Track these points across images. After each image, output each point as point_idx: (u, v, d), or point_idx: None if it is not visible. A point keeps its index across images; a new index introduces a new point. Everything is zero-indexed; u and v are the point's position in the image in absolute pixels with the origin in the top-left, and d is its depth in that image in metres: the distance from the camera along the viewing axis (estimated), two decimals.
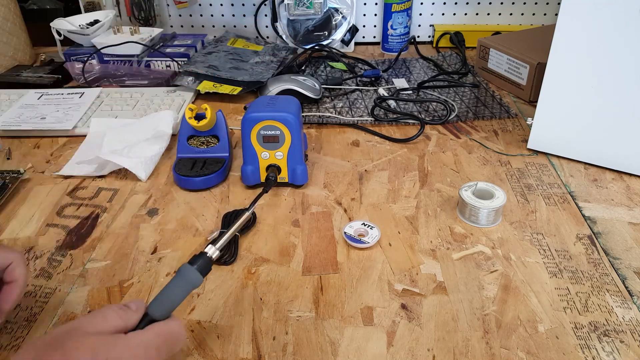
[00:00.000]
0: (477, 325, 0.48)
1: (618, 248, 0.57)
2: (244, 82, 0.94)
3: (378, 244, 0.58)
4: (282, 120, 0.63)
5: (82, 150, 0.77)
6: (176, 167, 0.69)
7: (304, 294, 0.52)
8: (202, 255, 0.41)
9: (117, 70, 1.01)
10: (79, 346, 0.31)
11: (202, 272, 0.41)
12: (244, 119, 0.64)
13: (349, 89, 0.96)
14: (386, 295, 0.52)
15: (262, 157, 0.66)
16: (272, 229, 0.61)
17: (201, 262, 0.41)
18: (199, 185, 0.68)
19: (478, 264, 0.55)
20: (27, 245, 0.59)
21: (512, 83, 0.93)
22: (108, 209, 0.65)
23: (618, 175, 0.70)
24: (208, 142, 0.73)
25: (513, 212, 0.63)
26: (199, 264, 0.41)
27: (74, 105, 0.87)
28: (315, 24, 1.14)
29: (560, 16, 0.64)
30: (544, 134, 0.73)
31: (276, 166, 0.66)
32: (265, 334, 0.48)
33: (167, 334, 0.37)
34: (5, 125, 0.81)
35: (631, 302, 0.50)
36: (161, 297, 0.39)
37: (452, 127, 0.83)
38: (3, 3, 1.04)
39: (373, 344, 0.46)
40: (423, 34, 1.22)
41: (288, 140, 0.64)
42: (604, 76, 0.65)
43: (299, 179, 0.67)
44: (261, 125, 0.64)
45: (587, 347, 0.46)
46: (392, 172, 0.71)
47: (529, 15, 1.19)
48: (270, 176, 0.65)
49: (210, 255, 0.42)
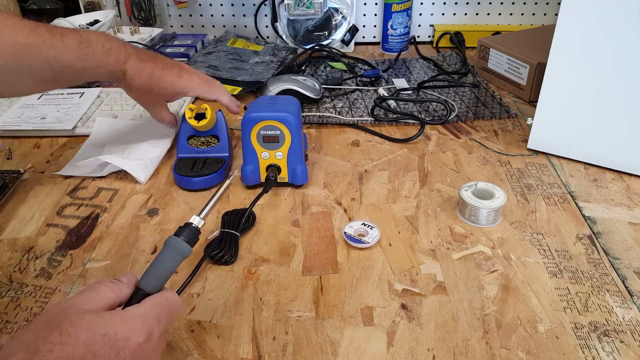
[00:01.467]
0: (477, 325, 0.48)
1: (618, 248, 0.57)
2: (244, 82, 0.94)
3: (378, 244, 0.58)
4: (282, 120, 0.63)
5: (84, 149, 0.77)
6: (176, 167, 0.69)
7: (304, 294, 0.52)
8: (188, 226, 0.41)
9: None
10: (76, 324, 0.32)
11: (190, 242, 0.41)
12: (244, 119, 0.64)
13: (349, 89, 0.96)
14: (386, 295, 0.52)
15: (262, 157, 0.66)
16: (272, 229, 0.61)
17: (187, 232, 0.41)
18: (199, 185, 0.68)
19: (478, 264, 0.55)
20: (27, 245, 0.59)
21: (512, 83, 0.93)
22: (108, 209, 0.65)
23: (618, 175, 0.70)
24: (208, 142, 0.73)
25: (513, 212, 0.63)
26: (185, 234, 0.40)
27: (74, 105, 0.87)
28: (315, 24, 1.14)
29: (560, 16, 0.64)
30: (544, 134, 0.73)
31: (276, 166, 0.66)
32: (265, 334, 0.48)
33: (163, 304, 0.37)
34: (5, 125, 0.81)
35: (631, 302, 0.50)
36: (152, 270, 0.39)
37: (452, 127, 0.83)
38: (3, 3, 1.04)
39: (373, 344, 0.46)
40: (423, 34, 1.22)
41: (288, 140, 0.64)
42: (604, 76, 0.65)
43: (299, 179, 0.67)
44: (261, 125, 0.64)
45: (587, 347, 0.46)
46: (392, 172, 0.71)
47: (529, 15, 1.19)
48: (270, 176, 0.65)
49: (195, 225, 0.41)
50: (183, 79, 0.68)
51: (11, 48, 0.54)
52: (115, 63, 0.62)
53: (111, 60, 0.61)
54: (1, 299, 0.52)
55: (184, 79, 0.68)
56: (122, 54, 0.62)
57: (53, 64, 0.57)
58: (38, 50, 0.55)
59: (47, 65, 0.57)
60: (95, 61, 0.60)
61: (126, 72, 0.63)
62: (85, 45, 0.59)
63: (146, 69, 0.64)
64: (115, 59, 0.61)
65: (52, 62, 0.57)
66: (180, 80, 0.67)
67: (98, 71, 0.61)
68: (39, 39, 0.55)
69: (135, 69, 0.63)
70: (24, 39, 0.54)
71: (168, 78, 0.66)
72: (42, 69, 0.57)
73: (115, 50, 0.61)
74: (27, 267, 0.56)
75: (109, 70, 0.62)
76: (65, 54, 0.57)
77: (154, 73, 0.65)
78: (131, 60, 0.63)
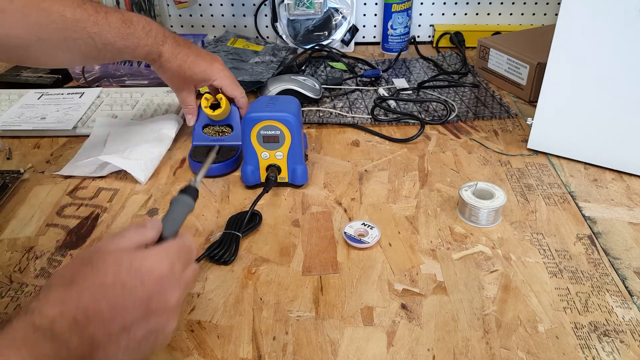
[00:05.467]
0: (477, 325, 0.48)
1: (618, 248, 0.57)
2: (244, 82, 0.94)
3: (378, 244, 0.58)
4: (282, 120, 0.63)
5: (84, 149, 0.77)
6: (192, 154, 0.72)
7: (304, 294, 0.52)
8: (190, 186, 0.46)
9: (117, 70, 1.01)
10: (105, 259, 0.36)
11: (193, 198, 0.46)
12: (244, 119, 0.64)
13: (349, 89, 0.96)
14: (386, 295, 0.52)
15: (262, 157, 0.66)
16: (272, 229, 0.61)
17: (189, 189, 0.45)
18: (213, 171, 0.71)
19: (478, 264, 0.55)
20: (27, 245, 0.59)
21: (512, 83, 0.93)
22: (108, 209, 0.65)
23: (618, 175, 0.70)
24: (222, 132, 0.76)
25: (513, 212, 0.63)
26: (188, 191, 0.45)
27: (74, 105, 0.87)
28: (315, 24, 1.14)
29: (560, 16, 0.64)
30: (544, 134, 0.73)
31: (276, 166, 0.66)
32: (265, 334, 0.48)
33: (181, 245, 0.41)
34: (5, 125, 0.81)
35: (631, 302, 0.50)
36: (167, 219, 0.43)
37: (452, 127, 0.83)
38: None
39: (373, 344, 0.46)
40: (423, 34, 1.22)
41: (288, 140, 0.64)
42: (604, 76, 0.65)
43: (299, 179, 0.67)
44: (261, 125, 0.64)
45: (587, 347, 0.46)
46: (392, 172, 0.71)
47: (529, 15, 1.19)
48: (271, 176, 0.65)
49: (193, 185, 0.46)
50: (214, 68, 0.70)
51: (59, 23, 0.56)
52: (154, 44, 0.64)
53: (150, 41, 0.63)
54: (1, 299, 0.52)
55: (215, 69, 0.70)
56: (160, 36, 0.65)
57: (96, 40, 0.59)
58: (83, 26, 0.58)
59: (90, 42, 0.59)
60: (136, 41, 0.62)
61: (162, 54, 0.65)
62: (127, 25, 0.61)
63: (181, 53, 0.67)
64: (154, 40, 0.64)
65: (96, 38, 0.59)
66: (211, 69, 0.70)
67: (137, 51, 0.63)
68: (85, 15, 0.58)
69: (171, 52, 0.66)
70: (71, 14, 0.57)
71: (201, 64, 0.69)
72: (86, 45, 0.59)
73: (154, 32, 0.64)
74: (27, 267, 0.56)
75: (147, 51, 0.64)
76: (108, 31, 0.59)
77: (188, 58, 0.67)
78: (168, 43, 0.66)
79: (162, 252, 0.39)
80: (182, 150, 0.77)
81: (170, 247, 0.40)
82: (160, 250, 0.39)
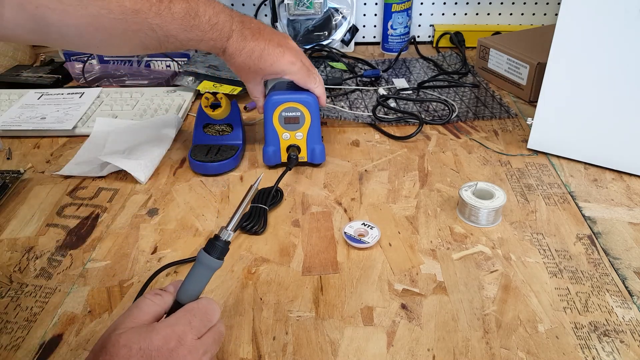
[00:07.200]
0: (477, 325, 0.48)
1: (618, 248, 0.57)
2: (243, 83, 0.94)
3: (378, 244, 0.58)
4: (304, 102, 0.67)
5: (84, 149, 0.77)
6: (192, 153, 0.72)
7: (304, 294, 0.52)
8: (217, 240, 0.42)
9: (117, 70, 1.01)
10: (116, 343, 0.36)
11: (220, 257, 0.42)
12: (267, 102, 0.67)
13: (349, 89, 0.96)
14: (386, 295, 0.52)
15: (283, 137, 0.69)
16: (272, 228, 0.61)
17: (216, 247, 0.41)
18: (213, 170, 0.71)
19: (478, 264, 0.55)
20: (27, 245, 0.59)
21: (512, 83, 0.93)
22: (108, 209, 0.65)
23: (618, 175, 0.70)
24: (223, 131, 0.76)
25: (513, 212, 0.63)
26: (215, 250, 0.41)
27: (74, 105, 0.87)
28: (315, 24, 1.14)
29: (560, 16, 0.64)
30: (544, 134, 0.73)
31: (296, 146, 0.70)
32: (265, 334, 0.48)
33: (194, 309, 0.39)
34: (5, 125, 0.81)
35: (631, 302, 0.50)
36: (185, 284, 0.41)
37: (452, 127, 0.83)
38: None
39: (373, 344, 0.46)
40: (423, 34, 1.22)
41: (308, 121, 0.68)
42: (604, 76, 0.65)
43: (318, 157, 0.71)
44: (283, 107, 0.67)
45: (587, 347, 0.46)
46: (392, 172, 0.71)
47: (529, 15, 1.19)
48: (292, 155, 0.69)
49: (224, 239, 0.42)
50: (283, 61, 0.66)
51: (118, 14, 0.54)
52: (218, 39, 0.62)
53: (214, 36, 0.61)
54: (1, 299, 0.52)
55: (285, 62, 0.66)
56: (226, 30, 0.62)
57: (158, 32, 0.57)
58: (144, 17, 0.55)
59: (152, 33, 0.57)
60: (200, 34, 0.60)
61: (226, 50, 0.64)
62: (191, 17, 0.58)
63: (246, 48, 0.64)
64: (218, 35, 0.61)
65: (157, 30, 0.57)
66: (280, 63, 0.66)
67: (200, 44, 0.62)
68: (146, 5, 0.55)
69: (235, 47, 0.63)
70: (131, 5, 0.54)
71: (268, 58, 0.65)
72: (147, 36, 0.57)
73: (220, 26, 0.61)
74: (27, 267, 0.56)
75: (211, 45, 0.62)
76: (171, 23, 0.57)
77: (254, 53, 0.64)
78: (233, 38, 0.63)
79: (171, 324, 0.37)
80: (182, 150, 0.78)
81: (181, 317, 0.38)
82: (169, 322, 0.38)
